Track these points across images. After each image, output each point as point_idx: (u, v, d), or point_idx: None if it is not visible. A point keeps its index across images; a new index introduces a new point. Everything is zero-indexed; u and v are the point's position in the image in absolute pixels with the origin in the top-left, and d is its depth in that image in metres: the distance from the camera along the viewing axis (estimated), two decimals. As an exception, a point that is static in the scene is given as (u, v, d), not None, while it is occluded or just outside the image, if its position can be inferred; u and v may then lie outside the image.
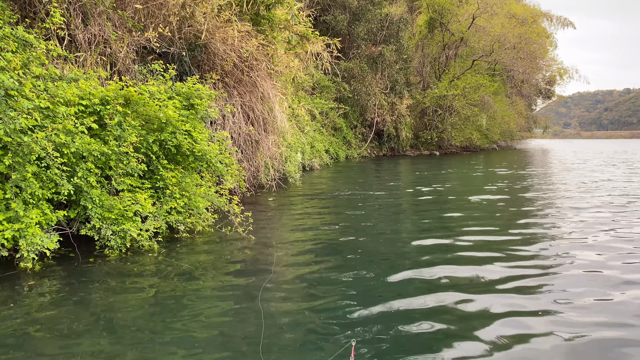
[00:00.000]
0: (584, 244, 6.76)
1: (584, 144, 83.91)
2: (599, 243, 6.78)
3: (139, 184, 6.56)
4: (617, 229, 7.71)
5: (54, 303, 4.37)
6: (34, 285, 4.80)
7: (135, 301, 4.44)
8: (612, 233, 7.42)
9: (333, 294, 4.68)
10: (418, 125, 35.99)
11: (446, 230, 7.67)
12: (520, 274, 5.32)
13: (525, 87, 50.47)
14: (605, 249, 6.46)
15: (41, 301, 4.40)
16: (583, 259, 5.94)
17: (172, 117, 6.77)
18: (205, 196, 7.30)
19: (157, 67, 8.07)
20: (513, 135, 50.28)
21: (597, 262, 5.82)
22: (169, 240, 6.68)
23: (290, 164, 14.15)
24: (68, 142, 5.57)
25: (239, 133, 11.02)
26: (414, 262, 5.83)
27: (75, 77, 6.79)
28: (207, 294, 4.70)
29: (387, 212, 9.67)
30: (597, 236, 7.18)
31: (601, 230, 7.57)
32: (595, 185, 14.17)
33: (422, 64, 38.13)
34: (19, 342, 3.58)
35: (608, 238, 7.08)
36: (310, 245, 6.70)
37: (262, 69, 11.11)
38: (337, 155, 25.69)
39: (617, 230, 7.58)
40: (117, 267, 5.46)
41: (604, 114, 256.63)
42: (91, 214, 5.84)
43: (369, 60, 29.54)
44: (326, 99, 25.61)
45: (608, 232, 7.48)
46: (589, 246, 6.62)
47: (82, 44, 8.03)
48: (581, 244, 6.75)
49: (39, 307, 4.25)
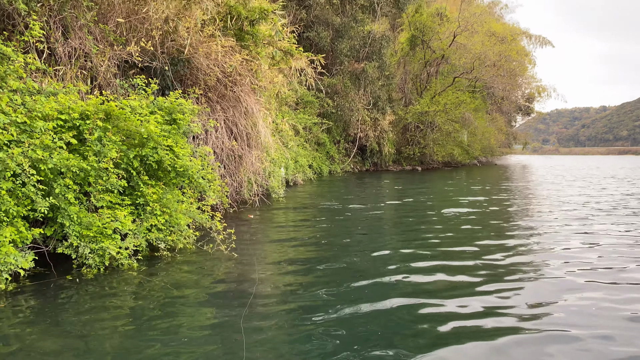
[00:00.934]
0: (550, 253, 6.87)
1: (562, 159, 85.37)
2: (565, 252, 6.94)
3: (118, 201, 6.40)
4: (583, 239, 7.79)
5: (27, 324, 4.19)
6: (4, 308, 4.60)
7: (112, 323, 4.28)
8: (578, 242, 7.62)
9: (316, 313, 4.58)
10: (400, 141, 36.20)
11: (430, 247, 7.64)
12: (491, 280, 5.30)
13: (505, 104, 51.23)
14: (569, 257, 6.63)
15: (13, 323, 4.21)
16: (549, 267, 5.96)
17: (154, 132, 6.65)
18: (187, 213, 7.16)
19: (139, 81, 7.95)
20: (493, 151, 50.88)
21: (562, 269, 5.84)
22: (149, 259, 6.52)
23: (273, 179, 14.05)
24: (45, 157, 5.42)
25: (222, 148, 10.91)
26: (396, 285, 5.76)
27: (55, 91, 6.65)
28: (187, 314, 4.56)
29: (370, 227, 9.60)
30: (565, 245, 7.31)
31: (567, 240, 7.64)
32: (566, 199, 14.33)
33: (404, 80, 38.49)
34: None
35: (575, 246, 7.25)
36: (293, 262, 6.59)
37: (245, 84, 11.05)
38: (321, 170, 25.66)
39: (583, 241, 7.70)
40: (94, 286, 5.28)
41: (581, 131, 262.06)
42: (69, 232, 5.67)
43: (352, 76, 29.72)
44: (310, 114, 25.62)
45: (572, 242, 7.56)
46: (556, 255, 6.81)
47: (62, 57, 7.88)
48: (548, 253, 6.81)
49: (10, 330, 4.07)
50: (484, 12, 42.03)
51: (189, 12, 9.66)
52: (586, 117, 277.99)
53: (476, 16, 38.01)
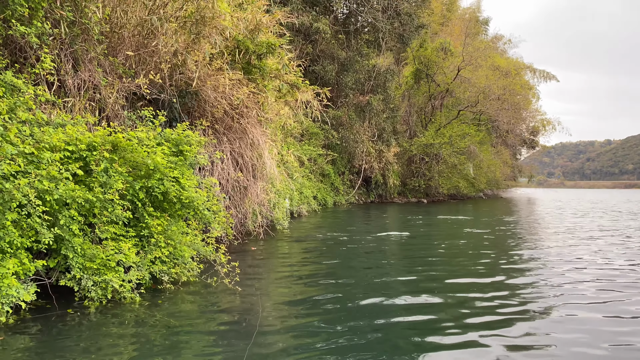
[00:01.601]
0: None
1: (567, 193, 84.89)
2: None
3: (123, 232, 6.36)
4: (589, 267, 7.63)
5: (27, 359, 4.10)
6: (4, 342, 4.52)
7: (114, 358, 4.18)
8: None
9: (320, 351, 4.46)
10: (405, 173, 36.21)
11: (433, 281, 7.51)
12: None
13: (510, 137, 51.39)
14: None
15: (12, 358, 4.12)
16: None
17: (161, 164, 6.66)
18: (191, 245, 7.11)
19: (147, 113, 8.01)
20: (499, 184, 50.77)
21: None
22: (152, 291, 6.43)
23: (278, 210, 14.00)
24: (51, 188, 5.41)
25: (228, 179, 10.91)
26: (400, 310, 5.64)
27: (63, 122, 6.70)
28: (190, 350, 4.46)
29: (375, 260, 9.49)
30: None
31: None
32: (577, 234, 14.16)
33: (409, 113, 38.76)
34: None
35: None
36: (297, 296, 6.49)
37: (252, 116, 11.13)
38: (325, 202, 25.60)
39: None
40: (96, 320, 5.19)
41: (586, 164, 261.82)
42: (72, 264, 5.61)
43: (357, 108, 29.98)
44: (315, 146, 25.75)
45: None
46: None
47: (71, 89, 7.97)
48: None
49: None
50: (487, 47, 42.65)
51: (197, 46, 9.82)
52: (591, 151, 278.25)
53: (480, 51, 38.53)
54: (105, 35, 8.72)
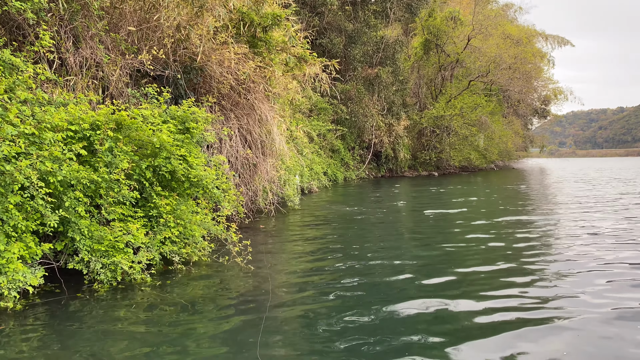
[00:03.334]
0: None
1: (579, 162, 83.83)
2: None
3: (131, 213, 6.20)
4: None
5: (36, 345, 3.97)
6: (13, 328, 4.39)
7: (125, 343, 4.05)
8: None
9: (334, 328, 4.29)
10: (416, 146, 35.80)
11: (450, 261, 7.31)
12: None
13: (521, 107, 50.59)
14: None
15: (21, 344, 4.00)
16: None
17: (167, 142, 6.45)
18: (202, 224, 6.94)
19: (151, 90, 7.77)
20: (511, 154, 50.18)
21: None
22: (163, 273, 6.29)
23: (288, 187, 13.81)
24: (55, 169, 5.23)
25: (237, 157, 10.71)
26: (415, 291, 5.46)
27: (65, 101, 6.49)
28: (203, 331, 4.31)
29: (387, 235, 9.31)
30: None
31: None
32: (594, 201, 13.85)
33: (419, 85, 38.13)
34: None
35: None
36: (310, 274, 6.31)
37: (259, 91, 10.86)
38: (336, 177, 25.39)
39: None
40: (106, 303, 5.06)
41: (598, 133, 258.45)
42: (79, 246, 5.47)
43: (366, 82, 29.47)
44: (324, 121, 25.40)
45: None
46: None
47: (73, 67, 7.75)
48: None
49: (18, 351, 3.85)
50: (498, 15, 41.64)
51: (200, 20, 9.50)
52: (603, 119, 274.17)
53: (490, 19, 37.62)
54: (106, 11, 8.44)
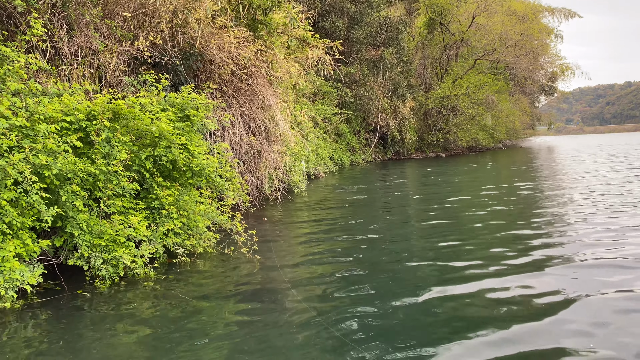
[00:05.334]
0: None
1: (586, 139, 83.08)
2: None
3: (132, 205, 5.98)
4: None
5: (36, 347, 3.78)
6: (11, 330, 4.21)
7: (130, 343, 3.85)
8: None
9: (347, 315, 4.08)
10: (422, 128, 35.38)
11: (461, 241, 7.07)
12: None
13: (528, 85, 49.88)
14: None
15: (20, 347, 3.81)
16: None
17: (166, 131, 6.21)
18: (206, 214, 6.72)
19: (149, 77, 7.51)
20: (518, 133, 49.59)
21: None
22: (167, 266, 6.09)
23: (294, 173, 13.57)
24: (50, 162, 5.01)
25: (240, 144, 10.46)
26: (427, 279, 5.23)
27: (59, 91, 6.25)
28: (211, 326, 4.11)
29: (397, 220, 9.07)
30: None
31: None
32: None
33: (423, 65, 37.55)
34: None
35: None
36: (320, 264, 6.09)
37: (261, 76, 10.56)
38: (342, 162, 25.10)
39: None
40: (108, 301, 4.87)
41: (606, 108, 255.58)
42: (79, 242, 5.27)
43: (370, 64, 28.99)
44: (328, 105, 25.03)
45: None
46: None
47: (67, 56, 7.49)
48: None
49: (17, 357, 3.66)
50: (502, -9, 40.77)
51: (198, 3, 9.19)
52: (610, 94, 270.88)
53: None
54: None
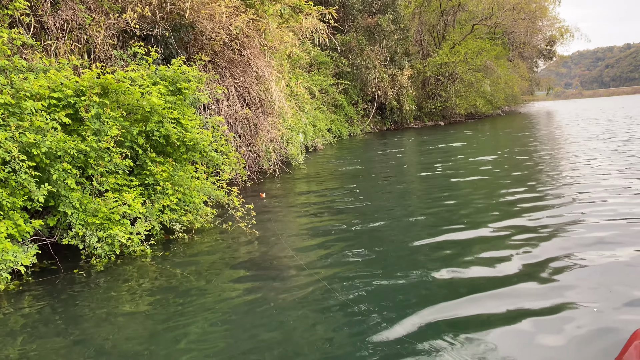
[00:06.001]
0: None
1: (585, 103, 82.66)
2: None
3: (125, 182, 5.87)
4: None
5: (32, 329, 3.72)
6: (6, 312, 4.14)
7: (127, 322, 3.79)
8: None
9: (350, 287, 4.01)
10: (420, 96, 34.99)
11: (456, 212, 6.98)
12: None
13: (526, 49, 49.21)
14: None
15: (16, 329, 3.75)
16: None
17: (158, 105, 6.05)
18: (202, 190, 6.61)
19: (138, 49, 7.29)
20: (517, 99, 49.16)
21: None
22: (165, 242, 6.02)
23: (292, 146, 13.41)
24: (38, 140, 4.87)
25: (235, 117, 10.28)
26: (427, 254, 5.16)
27: (45, 67, 6.05)
28: (213, 303, 4.04)
29: (396, 190, 8.98)
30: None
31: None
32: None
33: (420, 32, 36.91)
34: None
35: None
36: (320, 235, 6.02)
37: (254, 46, 10.31)
38: (340, 133, 24.88)
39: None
40: (105, 279, 4.80)
41: (605, 71, 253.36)
42: (72, 220, 5.17)
43: (366, 32, 28.47)
44: (325, 76, 24.66)
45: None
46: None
47: (53, 30, 7.26)
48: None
49: (12, 338, 3.60)
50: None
51: (186, -28, 8.89)
52: (610, 57, 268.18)
53: (492, -43, 36.02)
54: (84, -32, 7.86)
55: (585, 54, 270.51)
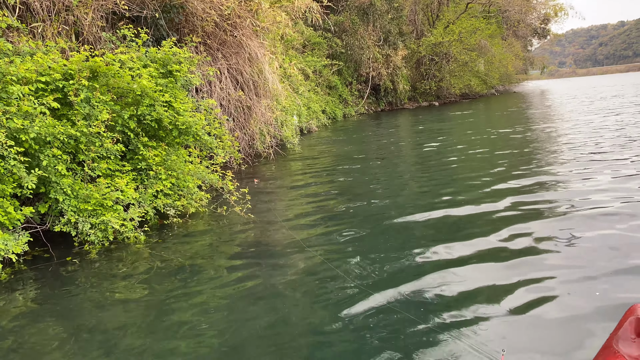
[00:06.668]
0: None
1: (579, 81, 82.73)
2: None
3: (118, 167, 5.76)
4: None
5: (25, 318, 3.65)
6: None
7: (124, 307, 3.73)
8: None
9: (353, 265, 3.97)
10: (415, 77, 34.76)
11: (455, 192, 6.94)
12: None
13: (521, 28, 48.88)
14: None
15: (8, 318, 3.68)
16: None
17: (148, 88, 5.91)
18: (195, 174, 6.52)
19: (127, 32, 7.12)
20: (511, 78, 48.92)
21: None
22: (159, 228, 5.94)
23: (286, 128, 13.29)
24: (26, 126, 4.75)
25: (229, 100, 10.14)
26: (419, 236, 5.12)
27: (32, 50, 5.90)
28: (209, 288, 3.98)
29: (390, 170, 8.91)
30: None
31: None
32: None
33: (414, 11, 36.53)
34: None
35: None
36: (316, 219, 5.95)
37: (246, 27, 10.12)
38: (335, 115, 24.72)
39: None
40: (99, 266, 4.73)
41: (598, 50, 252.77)
42: (64, 207, 5.07)
43: (360, 11, 28.13)
44: (318, 57, 24.39)
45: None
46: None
47: (39, 12, 7.07)
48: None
49: (6, 327, 3.53)
50: None
51: (175, -50, 8.67)
52: (603, 35, 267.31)
53: None
54: (69, -53, 7.63)
55: (579, 32, 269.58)
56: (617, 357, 1.94)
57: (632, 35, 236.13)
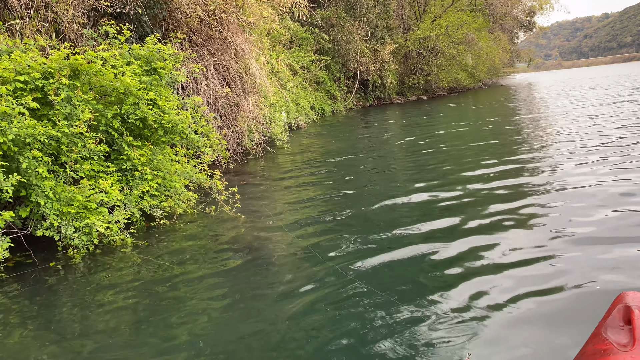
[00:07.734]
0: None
1: (565, 74, 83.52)
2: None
3: (102, 168, 5.59)
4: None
5: (7, 330, 3.49)
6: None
7: (110, 313, 3.57)
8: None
9: (349, 260, 3.86)
10: (403, 71, 34.70)
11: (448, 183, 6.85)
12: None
13: (507, 21, 49.07)
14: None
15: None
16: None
17: (132, 86, 5.74)
18: (182, 173, 6.36)
19: (109, 28, 6.92)
20: (498, 71, 49.13)
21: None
22: (146, 230, 5.77)
23: (275, 125, 13.12)
24: (4, 127, 4.56)
25: (216, 97, 9.96)
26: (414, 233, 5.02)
27: (9, 49, 5.69)
28: (198, 291, 3.84)
29: (379, 163, 8.81)
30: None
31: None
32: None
33: (401, 5, 36.41)
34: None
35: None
36: (311, 216, 5.82)
37: (232, 22, 9.94)
38: (323, 111, 24.57)
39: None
40: (83, 271, 4.56)
41: (583, 42, 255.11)
42: (46, 211, 4.90)
43: (346, 6, 27.96)
44: (306, 52, 24.21)
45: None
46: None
47: (17, 9, 6.85)
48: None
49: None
50: None
51: (158, -56, 8.46)
52: (588, 27, 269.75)
53: None
54: (47, -59, 7.40)
55: (564, 24, 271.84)
56: (605, 345, 1.95)
57: (616, 27, 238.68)
